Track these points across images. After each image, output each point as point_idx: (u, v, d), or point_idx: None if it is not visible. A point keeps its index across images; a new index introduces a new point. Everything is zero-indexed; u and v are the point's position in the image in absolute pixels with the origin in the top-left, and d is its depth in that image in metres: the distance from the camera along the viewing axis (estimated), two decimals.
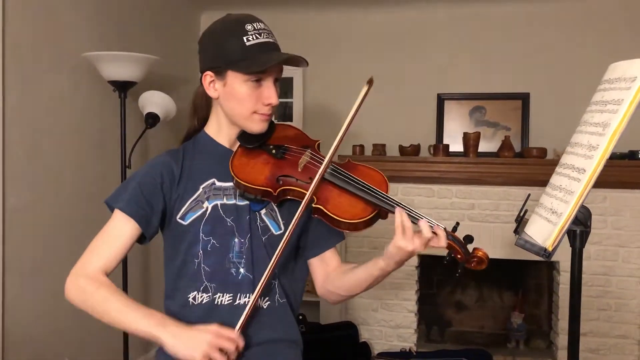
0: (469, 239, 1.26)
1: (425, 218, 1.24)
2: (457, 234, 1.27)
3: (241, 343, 1.20)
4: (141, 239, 1.36)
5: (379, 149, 3.61)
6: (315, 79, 3.91)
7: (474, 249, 1.25)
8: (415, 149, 3.57)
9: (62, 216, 2.67)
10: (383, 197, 1.27)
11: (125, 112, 2.83)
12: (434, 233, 1.22)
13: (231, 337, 1.19)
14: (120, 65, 2.66)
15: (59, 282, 2.69)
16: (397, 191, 3.57)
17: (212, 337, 1.17)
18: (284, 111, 4.00)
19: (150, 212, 1.32)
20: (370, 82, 1.33)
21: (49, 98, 2.59)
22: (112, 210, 1.34)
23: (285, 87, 3.97)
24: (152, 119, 2.84)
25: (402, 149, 3.58)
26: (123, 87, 2.76)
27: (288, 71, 3.99)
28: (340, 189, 1.30)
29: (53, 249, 2.57)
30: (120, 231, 1.31)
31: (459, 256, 1.25)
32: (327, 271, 1.43)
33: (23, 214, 2.45)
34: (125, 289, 2.80)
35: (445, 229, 1.25)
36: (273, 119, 1.40)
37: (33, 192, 2.51)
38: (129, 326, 1.23)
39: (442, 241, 1.22)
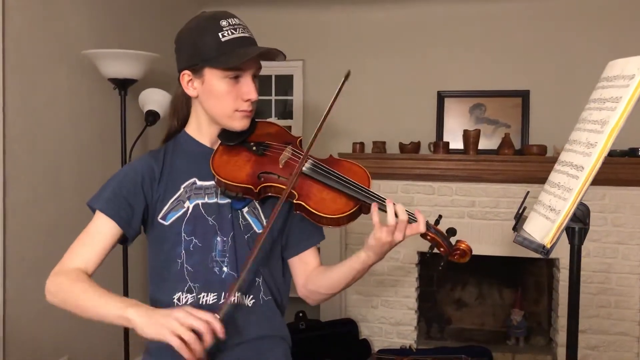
0: (452, 231, 1.26)
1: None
2: (439, 227, 1.27)
3: (218, 327, 1.12)
4: (123, 240, 1.35)
5: (379, 146, 3.61)
6: (315, 76, 3.91)
7: (457, 241, 1.25)
8: (416, 147, 3.58)
9: (63, 213, 2.67)
10: (364, 191, 1.26)
11: (125, 109, 2.83)
12: (413, 220, 1.23)
13: (204, 318, 1.11)
14: (121, 63, 2.66)
15: None
16: (397, 189, 3.57)
17: (183, 315, 1.10)
18: (284, 108, 4.01)
19: (131, 212, 1.30)
20: (346, 76, 1.34)
21: (49, 96, 2.59)
22: (93, 212, 1.33)
23: (285, 85, 3.97)
24: (152, 117, 2.84)
25: (402, 146, 3.58)
26: (123, 85, 2.76)
27: (288, 68, 4.03)
28: (321, 184, 1.29)
29: (54, 246, 2.57)
30: (100, 232, 1.30)
31: (441, 249, 1.25)
32: (308, 271, 1.42)
33: (24, 211, 2.46)
34: (125, 288, 2.81)
35: (427, 222, 1.25)
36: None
37: (34, 189, 2.52)
38: (102, 313, 1.19)
39: (421, 227, 1.22)
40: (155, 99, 2.86)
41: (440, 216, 1.31)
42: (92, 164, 2.88)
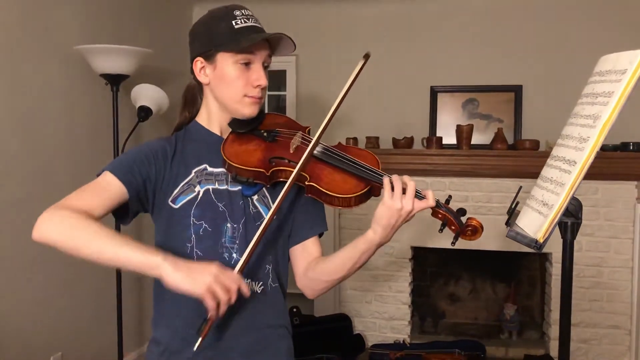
0: (462, 211, 1.29)
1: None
2: (450, 206, 1.29)
3: (244, 285, 1.16)
4: (123, 218, 1.33)
5: (373, 141, 3.62)
6: (308, 72, 3.90)
7: (468, 218, 1.27)
8: (409, 142, 3.58)
9: None
10: (375, 172, 1.29)
11: (117, 105, 2.82)
12: (422, 197, 1.25)
13: (234, 277, 1.15)
14: (112, 59, 2.64)
15: (52, 277, 2.68)
16: None
17: (217, 272, 1.13)
18: (277, 104, 4.00)
19: (141, 182, 1.29)
20: (366, 57, 1.35)
21: (40, 92, 2.58)
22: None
23: (278, 80, 3.96)
24: (144, 113, 2.83)
25: (395, 141, 3.59)
26: (115, 81, 2.75)
27: (281, 64, 4.01)
28: (332, 167, 1.32)
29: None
30: (106, 186, 1.26)
31: (453, 227, 1.27)
32: (309, 260, 1.42)
33: (15, 209, 2.44)
34: (118, 280, 2.80)
35: (438, 200, 1.27)
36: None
37: (25, 186, 2.50)
38: (123, 257, 1.15)
39: (431, 201, 1.24)
40: (147, 95, 2.85)
41: (450, 196, 1.33)
42: (84, 160, 2.86)
